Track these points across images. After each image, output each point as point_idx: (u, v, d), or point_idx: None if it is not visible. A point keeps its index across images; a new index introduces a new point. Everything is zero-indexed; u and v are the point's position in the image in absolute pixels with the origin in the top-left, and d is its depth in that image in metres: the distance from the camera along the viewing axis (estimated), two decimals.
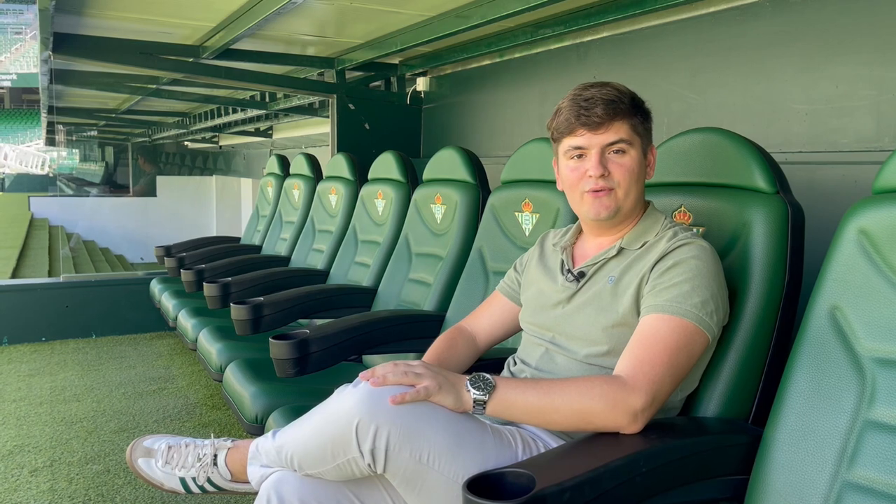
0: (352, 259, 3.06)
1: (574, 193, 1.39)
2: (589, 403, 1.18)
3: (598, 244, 1.44)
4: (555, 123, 1.39)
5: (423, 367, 1.22)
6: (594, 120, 1.32)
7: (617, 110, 1.32)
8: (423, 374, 1.20)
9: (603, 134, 1.32)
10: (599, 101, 1.32)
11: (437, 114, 4.17)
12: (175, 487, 1.45)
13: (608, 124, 1.32)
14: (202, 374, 3.66)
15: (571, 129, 1.35)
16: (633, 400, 1.17)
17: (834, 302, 1.21)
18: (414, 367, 1.22)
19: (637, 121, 1.35)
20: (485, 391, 1.20)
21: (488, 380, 1.21)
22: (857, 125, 2.02)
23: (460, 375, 1.24)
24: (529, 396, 1.20)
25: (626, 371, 1.21)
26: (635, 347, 1.24)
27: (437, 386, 1.19)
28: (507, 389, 1.21)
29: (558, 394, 1.20)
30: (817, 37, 2.12)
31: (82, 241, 11.82)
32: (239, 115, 7.27)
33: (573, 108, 1.34)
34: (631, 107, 1.35)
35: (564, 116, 1.36)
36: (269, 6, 2.83)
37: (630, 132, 1.34)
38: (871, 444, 1.11)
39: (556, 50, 3.19)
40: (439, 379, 1.20)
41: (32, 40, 33.71)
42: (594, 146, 1.33)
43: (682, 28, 2.57)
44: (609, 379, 1.21)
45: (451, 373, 1.25)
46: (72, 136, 13.63)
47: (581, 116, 1.33)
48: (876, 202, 1.21)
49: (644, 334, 1.25)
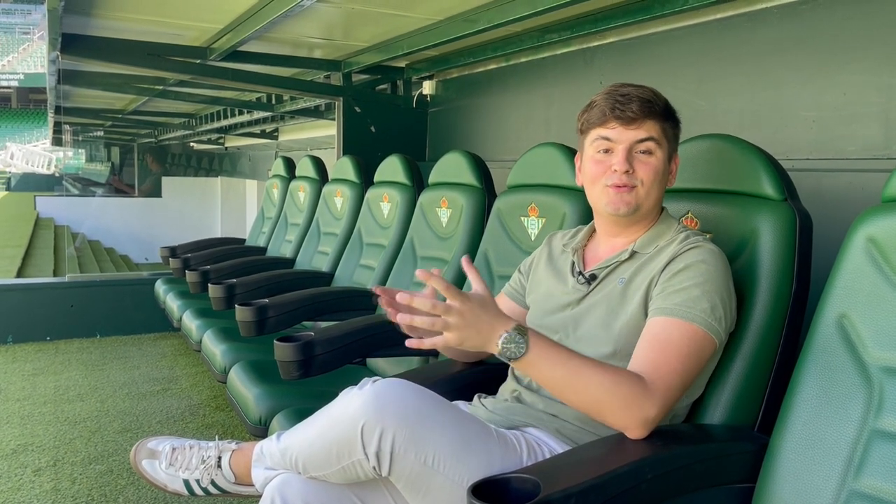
0: (357, 262, 3.06)
1: (595, 187, 1.38)
2: (609, 399, 1.17)
3: (610, 246, 1.44)
4: (586, 115, 1.39)
5: (456, 316, 1.11)
6: (628, 115, 1.32)
7: (651, 110, 1.33)
8: (451, 325, 1.11)
9: (634, 130, 1.33)
10: (636, 98, 1.33)
11: (443, 117, 4.17)
12: (179, 489, 1.45)
13: (641, 121, 1.33)
14: (206, 375, 3.66)
15: (604, 121, 1.35)
16: (649, 408, 1.17)
17: (842, 310, 1.21)
18: (449, 314, 1.11)
19: (668, 125, 1.36)
20: (514, 354, 1.14)
21: (521, 342, 1.14)
22: (865, 132, 2.01)
23: (496, 325, 1.14)
24: (557, 372, 1.16)
25: (645, 373, 1.20)
26: (649, 350, 1.23)
27: (460, 340, 1.12)
28: (539, 357, 1.15)
29: (584, 379, 1.16)
30: (825, 44, 2.11)
31: (87, 241, 11.85)
32: (245, 116, 7.28)
33: (609, 101, 1.34)
34: (664, 110, 1.36)
35: (599, 108, 1.36)
36: (276, 9, 2.84)
37: (660, 133, 1.35)
38: (879, 454, 1.11)
39: (563, 55, 3.19)
40: (466, 332, 1.12)
41: (40, 40, 33.86)
42: (623, 141, 1.33)
43: (690, 34, 2.56)
44: (634, 379, 1.18)
45: (487, 321, 1.14)
46: (78, 137, 13.66)
47: (616, 109, 1.33)
48: (885, 210, 1.20)
49: (657, 337, 1.24)
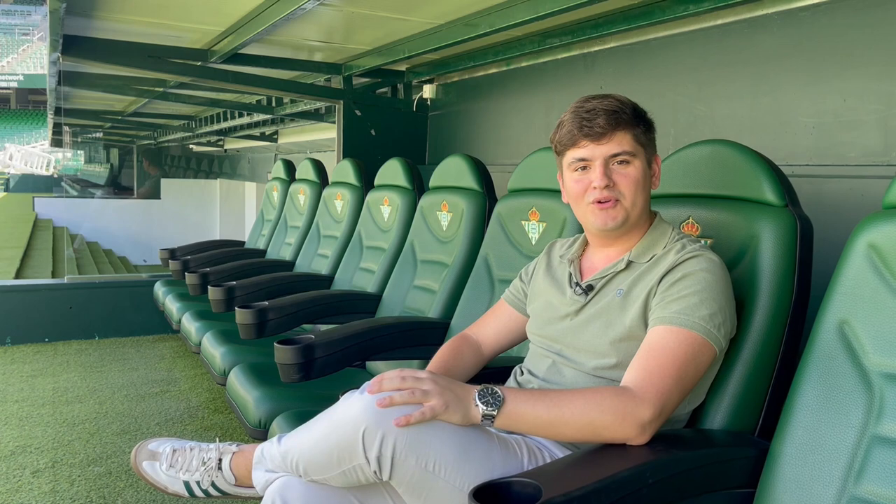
0: (357, 265, 3.06)
1: (580, 205, 1.39)
2: (598, 416, 1.18)
3: (605, 256, 1.44)
4: (557, 136, 1.39)
5: (430, 383, 1.20)
6: (596, 130, 1.32)
7: (619, 121, 1.33)
8: (431, 392, 1.18)
9: (606, 144, 1.33)
10: (601, 111, 1.32)
11: (443, 121, 4.18)
12: (179, 491, 1.45)
13: (610, 134, 1.32)
14: (204, 377, 3.66)
15: (574, 141, 1.35)
16: (642, 412, 1.17)
17: (842, 316, 1.21)
18: (421, 384, 1.19)
19: (639, 131, 1.36)
20: (493, 406, 1.19)
21: (497, 393, 1.20)
22: (865, 139, 2.02)
23: (468, 388, 1.22)
24: (539, 409, 1.20)
25: (634, 382, 1.21)
26: (643, 359, 1.24)
27: (443, 405, 1.18)
28: (517, 403, 1.20)
29: (567, 406, 1.19)
30: (825, 50, 2.12)
31: (86, 243, 11.85)
32: (244, 119, 7.29)
33: (575, 121, 1.34)
34: (633, 117, 1.35)
35: (567, 129, 1.36)
36: (277, 12, 2.84)
37: (633, 143, 1.34)
38: (879, 460, 1.11)
39: (564, 59, 3.20)
40: (447, 396, 1.19)
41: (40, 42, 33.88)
42: (598, 157, 1.33)
43: (690, 40, 2.57)
44: (617, 391, 1.21)
45: (459, 385, 1.23)
46: (77, 138, 13.67)
47: (584, 128, 1.33)
48: (886, 217, 1.21)
49: (652, 345, 1.25)
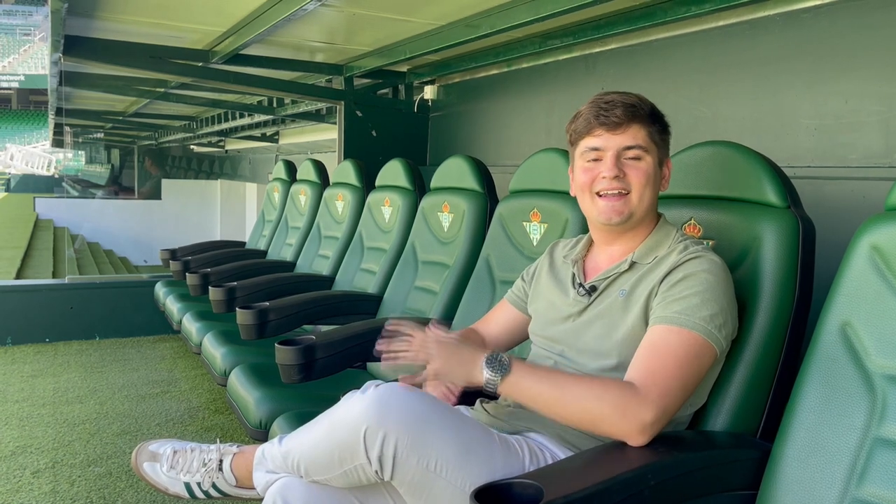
0: (358, 265, 3.06)
1: (586, 196, 1.39)
2: (599, 407, 1.18)
3: (609, 257, 1.44)
4: (573, 126, 1.40)
5: (435, 344, 1.24)
6: (613, 120, 1.33)
7: (636, 115, 1.34)
8: (434, 354, 1.23)
9: (620, 135, 1.33)
10: (619, 103, 1.34)
11: (444, 122, 4.17)
12: (180, 492, 1.45)
13: (626, 126, 1.33)
14: (205, 377, 3.66)
15: (590, 129, 1.36)
16: (644, 412, 1.17)
17: (845, 318, 1.21)
18: (429, 345, 1.24)
19: (654, 129, 1.36)
20: (498, 372, 1.22)
21: (504, 362, 1.23)
22: (866, 141, 2.02)
23: (479, 352, 1.25)
24: (542, 386, 1.22)
25: (638, 380, 1.21)
26: (645, 358, 1.24)
27: (446, 369, 1.22)
28: (521, 375, 1.22)
29: (571, 390, 1.21)
30: (827, 52, 2.12)
31: (86, 243, 11.84)
32: (245, 119, 7.29)
33: (593, 109, 1.36)
34: (650, 115, 1.36)
35: (584, 117, 1.37)
36: (279, 12, 2.84)
37: (647, 139, 1.35)
38: (881, 462, 1.11)
39: (565, 61, 3.20)
40: (449, 360, 1.23)
41: (41, 42, 33.89)
42: (611, 148, 1.34)
43: (692, 41, 2.57)
44: (623, 386, 1.21)
45: (468, 349, 1.27)
46: (78, 138, 13.67)
47: (600, 116, 1.34)
48: (888, 219, 1.21)
49: (654, 345, 1.25)
